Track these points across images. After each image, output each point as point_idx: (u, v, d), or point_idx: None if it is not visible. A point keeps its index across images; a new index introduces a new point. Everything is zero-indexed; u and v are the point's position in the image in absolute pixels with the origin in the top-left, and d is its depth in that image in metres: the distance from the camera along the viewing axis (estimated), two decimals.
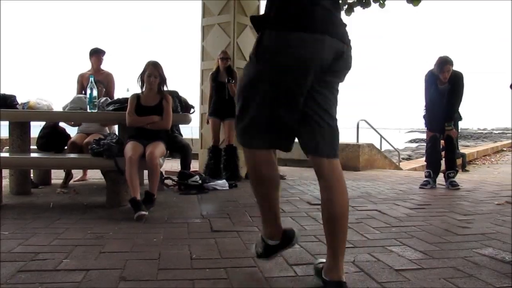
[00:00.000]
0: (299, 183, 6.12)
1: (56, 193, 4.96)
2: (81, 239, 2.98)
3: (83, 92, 5.93)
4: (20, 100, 4.77)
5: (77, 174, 6.06)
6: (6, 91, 5.02)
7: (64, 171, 5.55)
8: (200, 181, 5.23)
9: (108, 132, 5.64)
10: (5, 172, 4.62)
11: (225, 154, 6.22)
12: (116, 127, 5.50)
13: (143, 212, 3.61)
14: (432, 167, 5.97)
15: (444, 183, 5.94)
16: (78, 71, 6.48)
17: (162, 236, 3.08)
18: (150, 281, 2.18)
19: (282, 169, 7.05)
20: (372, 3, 7.66)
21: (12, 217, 3.65)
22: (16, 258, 2.51)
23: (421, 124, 6.27)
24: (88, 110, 4.65)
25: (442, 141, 6.05)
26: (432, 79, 5.80)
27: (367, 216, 3.85)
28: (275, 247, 2.28)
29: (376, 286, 2.13)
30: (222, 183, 5.49)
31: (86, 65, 6.38)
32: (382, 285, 2.13)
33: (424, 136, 7.49)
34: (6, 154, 4.71)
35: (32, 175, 5.34)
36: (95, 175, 6.21)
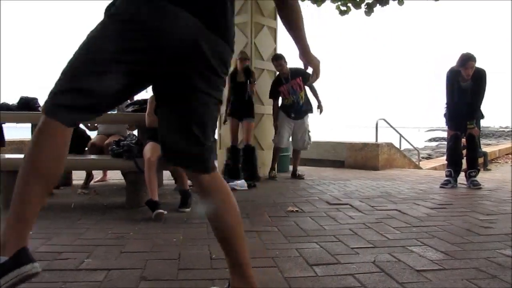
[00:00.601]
0: (318, 183, 6.09)
1: (77, 193, 5.02)
2: (102, 239, 3.01)
3: None
4: (41, 102, 4.85)
5: (97, 175, 6.12)
6: (28, 94, 5.11)
7: (85, 172, 5.61)
8: None
9: (128, 133, 5.69)
10: None
11: (243, 154, 6.24)
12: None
13: (161, 210, 3.65)
14: (453, 166, 5.90)
15: (465, 182, 5.87)
16: None
17: (182, 236, 3.09)
18: (170, 281, 2.19)
19: (301, 169, 7.04)
20: (391, 1, 7.61)
21: None
22: (40, 257, 2.53)
23: (441, 122, 6.21)
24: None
25: (463, 140, 5.98)
26: (454, 77, 5.73)
27: (387, 216, 3.82)
28: None
29: (397, 286, 2.11)
30: (241, 183, 5.50)
31: None
32: (403, 286, 2.11)
33: (444, 134, 7.41)
34: None
35: None
36: (115, 176, 6.27)
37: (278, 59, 6.58)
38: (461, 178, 5.96)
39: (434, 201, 4.64)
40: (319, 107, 6.77)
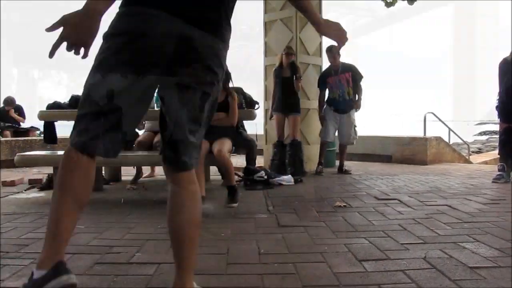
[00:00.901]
0: (365, 178, 6.02)
1: (126, 189, 5.13)
2: (152, 234, 3.07)
3: None
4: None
5: (145, 170, 6.24)
6: (79, 92, 5.25)
7: (134, 168, 5.72)
8: (265, 177, 5.25)
9: None
10: None
11: (289, 149, 6.23)
12: None
13: (206, 205, 3.70)
14: (506, 160, 5.70)
15: None
16: None
17: (230, 231, 3.12)
18: (219, 275, 2.22)
19: (347, 164, 6.97)
20: None
21: (87, 211, 3.77)
22: (92, 250, 2.62)
23: (492, 115, 6.00)
24: (156, 108, 4.78)
25: None
26: (507, 67, 5.53)
27: (437, 211, 3.73)
28: (37, 282, 1.50)
29: (450, 283, 2.06)
30: (287, 178, 5.49)
31: None
32: (456, 283, 2.06)
33: (495, 128, 7.16)
34: None
35: (103, 172, 5.55)
36: (163, 172, 6.37)
37: (331, 51, 6.56)
38: None
39: (487, 196, 4.50)
40: (357, 103, 6.68)
